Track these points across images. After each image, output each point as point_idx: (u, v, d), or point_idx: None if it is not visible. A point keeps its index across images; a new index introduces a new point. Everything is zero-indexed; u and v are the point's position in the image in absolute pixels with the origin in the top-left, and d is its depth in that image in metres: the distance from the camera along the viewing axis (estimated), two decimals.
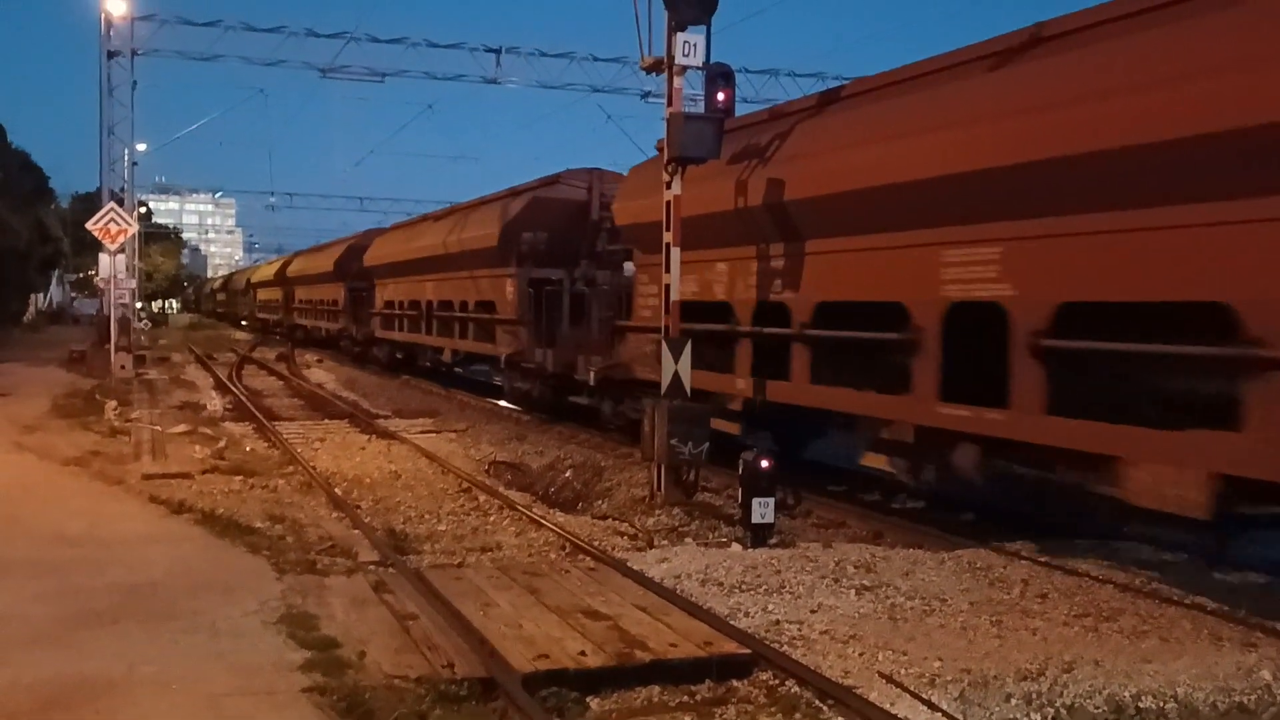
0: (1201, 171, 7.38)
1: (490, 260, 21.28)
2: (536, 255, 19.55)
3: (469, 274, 23.07)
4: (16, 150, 52.72)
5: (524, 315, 19.72)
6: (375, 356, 33.32)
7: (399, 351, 31.33)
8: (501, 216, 20.79)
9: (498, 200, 22.42)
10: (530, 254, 19.61)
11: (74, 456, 13.69)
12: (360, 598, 7.55)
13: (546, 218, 19.67)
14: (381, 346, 32.72)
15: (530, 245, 19.52)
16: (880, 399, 10.59)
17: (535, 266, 19.62)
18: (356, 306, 35.98)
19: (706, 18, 11.43)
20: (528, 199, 20.40)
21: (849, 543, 10.16)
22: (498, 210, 21.50)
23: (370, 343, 33.81)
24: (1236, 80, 7.10)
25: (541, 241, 19.42)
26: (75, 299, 78.05)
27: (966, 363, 9.49)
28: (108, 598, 7.40)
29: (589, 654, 6.26)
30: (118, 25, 31.42)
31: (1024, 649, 6.83)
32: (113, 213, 25.13)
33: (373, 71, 32.79)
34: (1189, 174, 7.44)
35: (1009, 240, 8.97)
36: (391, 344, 31.67)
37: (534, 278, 19.60)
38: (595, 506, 12.13)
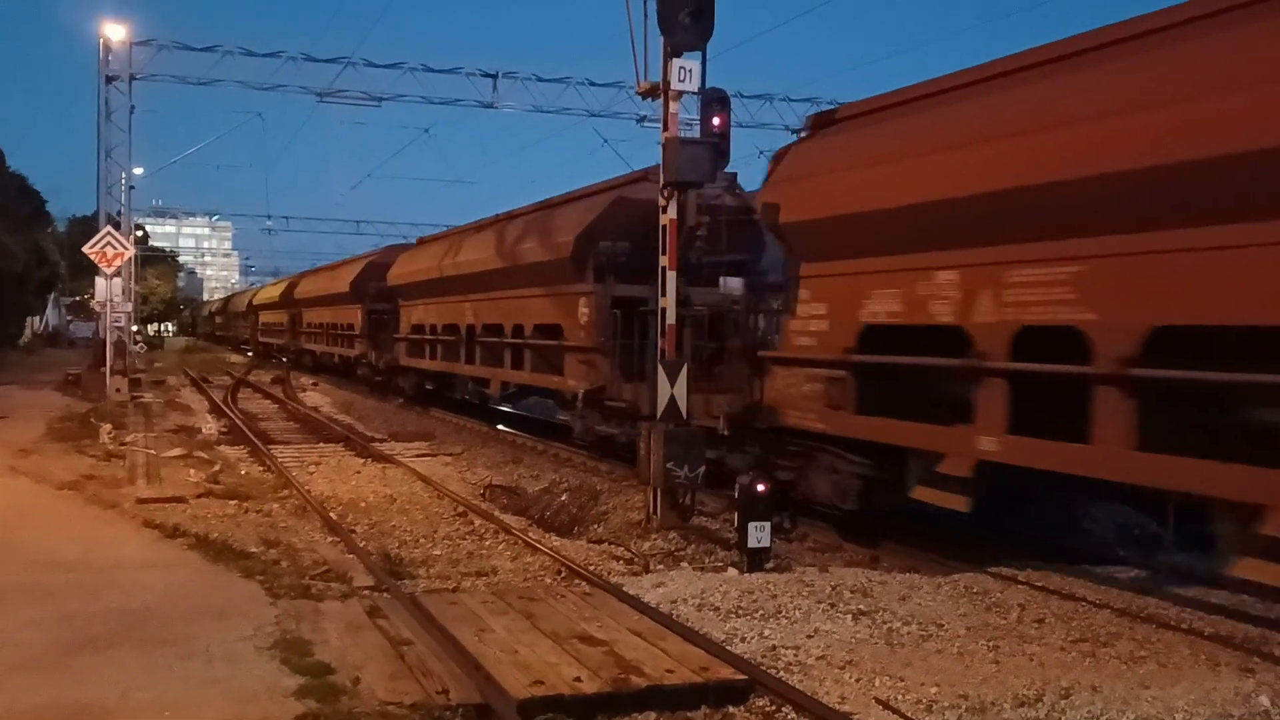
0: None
1: (559, 275, 17.67)
2: (618, 268, 16.33)
3: (528, 292, 19.21)
4: (14, 173, 52.85)
5: (604, 342, 16.20)
6: (399, 387, 29.51)
7: (429, 382, 27.48)
8: (576, 222, 17.30)
9: (571, 202, 18.86)
10: (610, 266, 16.41)
11: (69, 480, 13.64)
12: (355, 623, 7.52)
13: (631, 222, 16.14)
14: (407, 376, 28.78)
15: (610, 256, 16.44)
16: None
17: (618, 282, 16.32)
18: (376, 330, 32.32)
19: (702, 44, 11.52)
20: (611, 199, 16.82)
21: (845, 567, 10.14)
22: (571, 214, 18.01)
23: (394, 371, 29.92)
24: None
25: (623, 252, 16.29)
26: (71, 322, 77.98)
27: None
28: (102, 623, 7.36)
29: (585, 680, 6.23)
30: (116, 50, 31.59)
31: (1021, 674, 6.81)
32: (109, 236, 25.15)
33: (370, 96, 32.94)
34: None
35: None
36: (420, 373, 27.74)
37: (617, 296, 16.21)
38: (591, 530, 12.11)
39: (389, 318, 30.60)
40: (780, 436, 11.92)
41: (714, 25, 11.38)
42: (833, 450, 11.11)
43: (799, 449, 11.68)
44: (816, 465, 11.43)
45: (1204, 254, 7.39)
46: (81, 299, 69.69)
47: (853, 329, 10.63)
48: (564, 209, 18.82)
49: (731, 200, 15.67)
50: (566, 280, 17.35)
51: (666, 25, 11.37)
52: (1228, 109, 7.10)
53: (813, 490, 11.48)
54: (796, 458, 11.71)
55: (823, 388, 10.99)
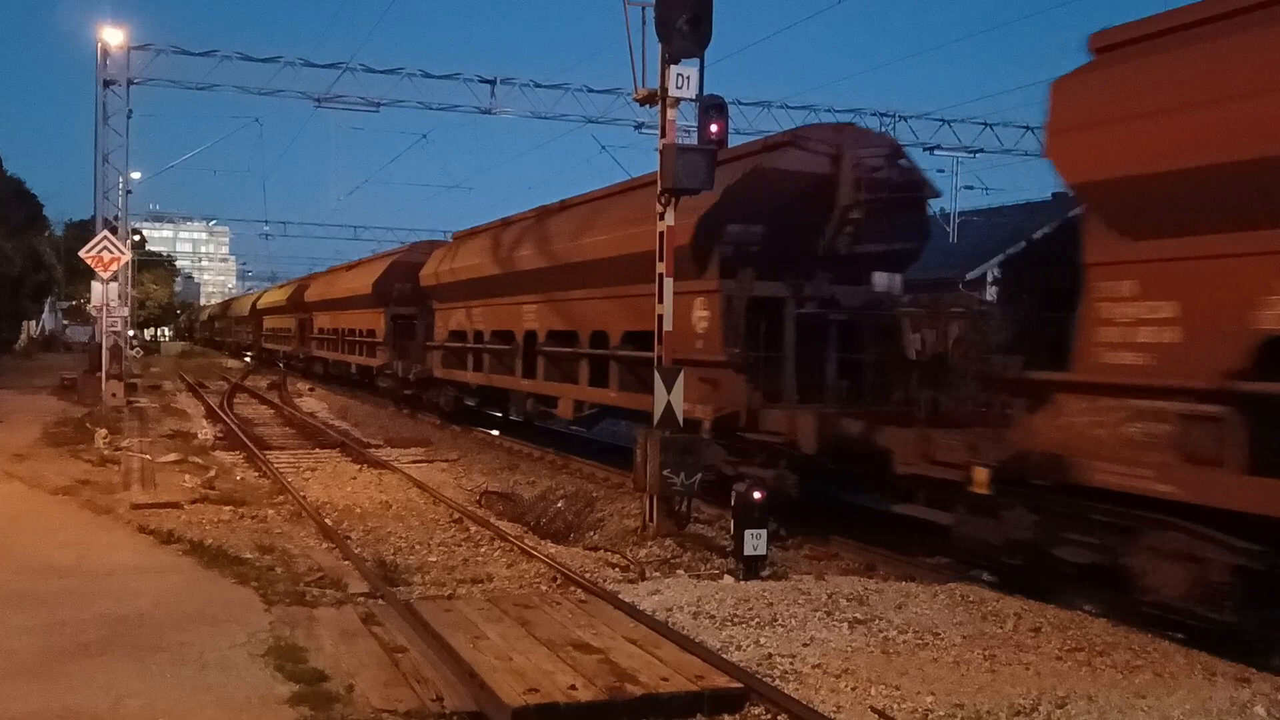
0: None
1: (675, 268, 13.26)
2: (749, 259, 12.84)
3: (618, 291, 15.55)
4: (11, 178, 52.84)
5: (736, 354, 12.72)
6: (432, 402, 25.79)
7: (471, 397, 23.87)
8: (697, 201, 13.21)
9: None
10: (741, 257, 12.84)
11: (63, 485, 13.60)
12: (349, 630, 7.50)
13: (771, 199, 12.80)
14: (443, 390, 24.91)
15: (740, 244, 12.85)
16: None
17: (757, 277, 12.85)
18: (402, 338, 28.95)
19: (700, 51, 11.53)
20: (745, 170, 13.15)
21: (841, 575, 10.13)
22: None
23: (426, 384, 26.16)
24: None
25: (755, 239, 12.87)
26: (68, 326, 77.89)
27: None
28: (95, 630, 7.33)
29: (580, 688, 6.21)
30: (114, 55, 31.59)
31: (1017, 683, 6.79)
32: (106, 241, 25.12)
33: (368, 101, 32.91)
34: None
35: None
36: (459, 387, 24.04)
37: (754, 296, 12.86)
38: (587, 537, 12.09)
39: (420, 324, 27.54)
40: (1070, 498, 8.34)
41: (712, 32, 11.40)
42: (1188, 527, 7.59)
43: (1112, 520, 8.15)
44: (1152, 548, 7.86)
45: None
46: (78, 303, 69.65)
47: (1238, 341, 7.16)
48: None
49: (895, 173, 12.95)
50: (679, 274, 13.39)
51: (664, 32, 11.38)
52: None
53: (1147, 583, 7.90)
54: (1107, 533, 8.22)
55: (1173, 430, 7.51)
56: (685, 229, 13.01)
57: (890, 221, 12.19)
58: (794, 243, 11.57)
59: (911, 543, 11.37)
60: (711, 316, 13.03)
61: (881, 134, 13.71)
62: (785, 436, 11.72)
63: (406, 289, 28.79)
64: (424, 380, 26.29)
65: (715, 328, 12.93)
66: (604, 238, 15.88)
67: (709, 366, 13.00)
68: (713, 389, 12.90)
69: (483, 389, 22.63)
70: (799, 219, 12.19)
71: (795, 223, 11.85)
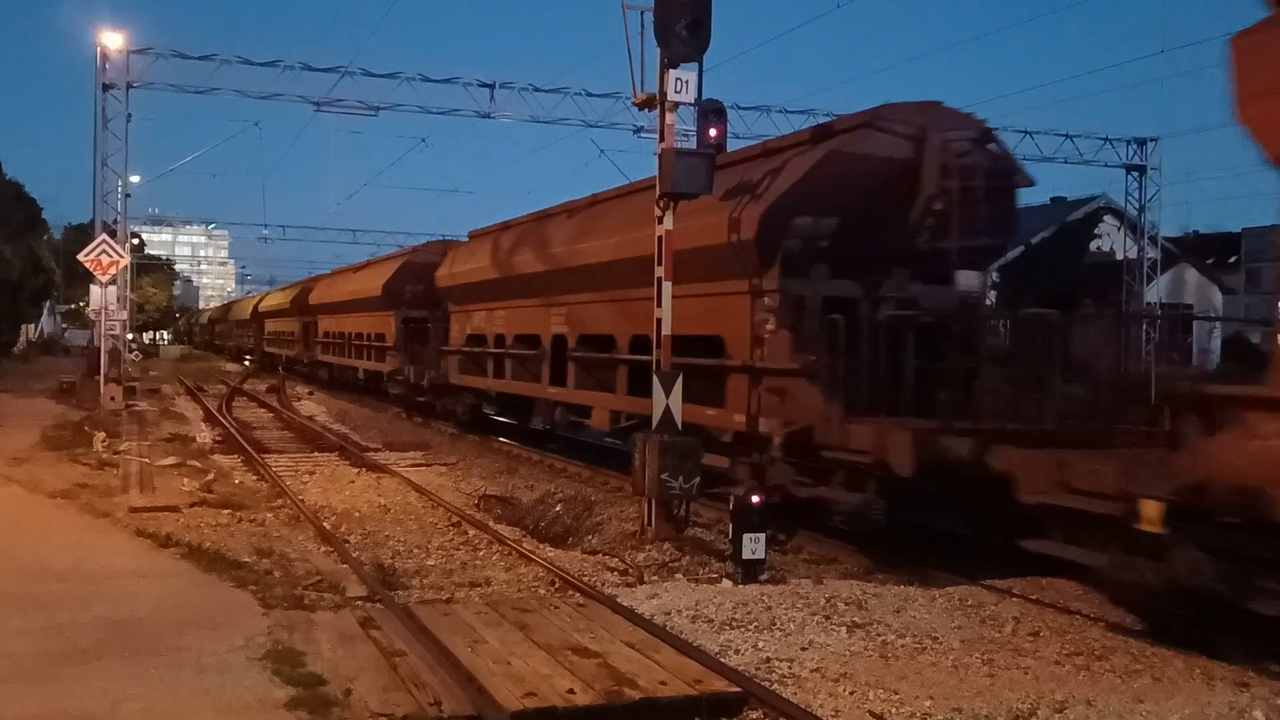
0: None
1: (725, 266, 12.64)
2: (818, 255, 11.68)
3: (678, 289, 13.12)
4: (10, 181, 52.83)
5: (811, 362, 11.31)
6: (448, 410, 24.58)
7: (491, 405, 22.67)
8: (764, 190, 12.06)
9: (749, 161, 13.36)
10: (808, 254, 11.67)
11: (61, 489, 13.59)
12: (347, 634, 7.48)
13: (846, 188, 11.48)
14: (460, 397, 23.66)
15: (809, 239, 11.63)
16: None
17: (829, 275, 11.65)
18: (414, 342, 27.67)
19: (698, 55, 11.54)
20: (819, 156, 11.74)
21: (840, 579, 10.12)
22: (753, 178, 12.57)
23: (441, 391, 24.78)
24: None
25: (827, 233, 11.61)
26: (66, 330, 77.86)
27: None
28: (93, 633, 7.32)
29: (578, 692, 6.21)
30: (113, 58, 31.55)
31: (1016, 688, 6.79)
32: (105, 244, 25.13)
33: (367, 105, 32.88)
34: None
35: None
36: (478, 394, 22.79)
37: (828, 296, 11.58)
38: (585, 541, 12.09)
39: (434, 327, 26.11)
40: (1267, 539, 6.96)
41: (710, 37, 11.41)
42: None
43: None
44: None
45: None
46: (77, 307, 69.67)
47: None
48: (736, 171, 13.05)
49: (983, 159, 11.62)
50: (738, 273, 12.32)
51: (663, 36, 11.40)
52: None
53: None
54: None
55: None
56: (748, 222, 11.93)
57: (977, 213, 10.99)
58: (869, 237, 10.42)
59: (910, 548, 11.37)
60: (777, 318, 11.73)
61: (969, 114, 11.80)
62: (873, 455, 10.19)
63: (418, 291, 27.71)
64: (438, 387, 24.96)
65: (782, 331, 11.68)
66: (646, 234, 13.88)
67: (775, 375, 11.70)
68: (780, 400, 11.50)
69: (504, 396, 21.35)
70: (876, 210, 10.94)
71: (872, 215, 10.67)
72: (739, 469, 12.39)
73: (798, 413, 11.26)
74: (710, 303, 13.03)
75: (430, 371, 25.43)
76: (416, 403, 26.89)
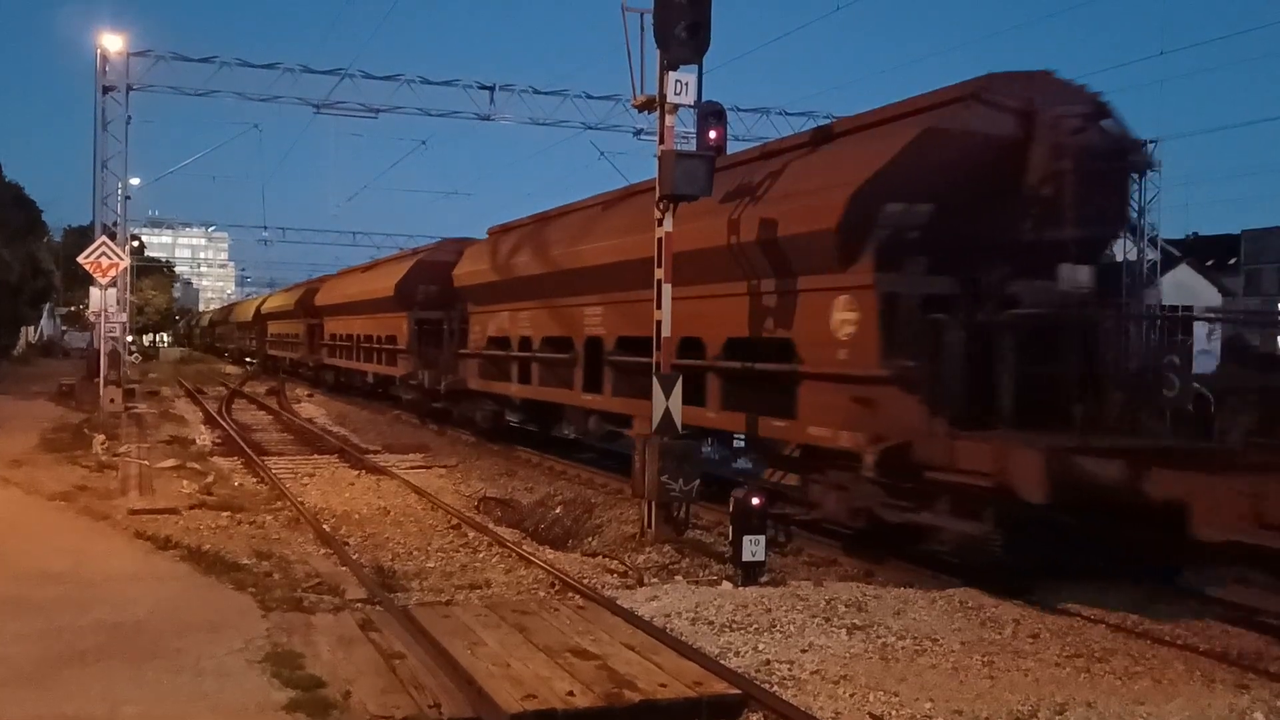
0: None
1: (799, 259, 11.27)
2: (908, 246, 10.25)
3: (717, 290, 12.84)
4: (10, 183, 52.84)
5: (908, 370, 9.85)
6: (466, 417, 23.36)
7: (514, 412, 21.47)
8: (847, 171, 10.69)
9: (831, 142, 11.88)
10: (897, 245, 10.24)
11: (60, 491, 13.58)
12: (347, 636, 7.47)
13: (938, 171, 10.18)
14: (480, 404, 22.36)
15: (899, 228, 10.25)
16: None
17: (924, 270, 10.26)
18: (428, 345, 26.23)
19: (698, 58, 11.54)
20: (915, 131, 10.32)
21: (840, 581, 10.11)
22: (833, 161, 11.33)
23: (459, 397, 23.45)
24: None
25: (919, 221, 10.23)
26: (66, 332, 77.87)
27: None
28: (91, 636, 7.31)
29: (578, 694, 6.20)
30: (113, 61, 31.54)
31: (1016, 690, 6.78)
32: (104, 247, 25.11)
33: (367, 107, 32.90)
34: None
35: None
36: (499, 401, 21.46)
37: (927, 294, 10.21)
38: (585, 543, 12.09)
39: (449, 328, 24.83)
40: None
41: (710, 39, 11.41)
42: None
43: None
44: None
45: None
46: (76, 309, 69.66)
47: None
48: (810, 160, 11.70)
49: (1098, 138, 10.45)
50: (814, 267, 11.04)
51: (663, 39, 11.40)
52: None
53: None
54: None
55: None
56: (829, 209, 10.47)
57: (1087, 199, 9.83)
58: (967, 226, 9.20)
59: (909, 549, 11.36)
60: (863, 319, 10.37)
61: (1081, 86, 10.51)
62: (993, 477, 8.78)
63: (432, 291, 26.49)
64: (456, 392, 23.36)
65: (869, 333, 10.28)
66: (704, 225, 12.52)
67: (860, 383, 10.35)
68: (867, 412, 10.20)
69: (529, 403, 19.87)
70: (976, 196, 9.64)
71: (971, 201, 9.40)
72: (812, 488, 11.22)
73: (890, 426, 9.86)
74: (777, 301, 11.75)
75: (447, 376, 23.95)
76: (432, 409, 25.60)
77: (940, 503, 9.60)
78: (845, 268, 10.60)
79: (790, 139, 12.78)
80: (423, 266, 27.55)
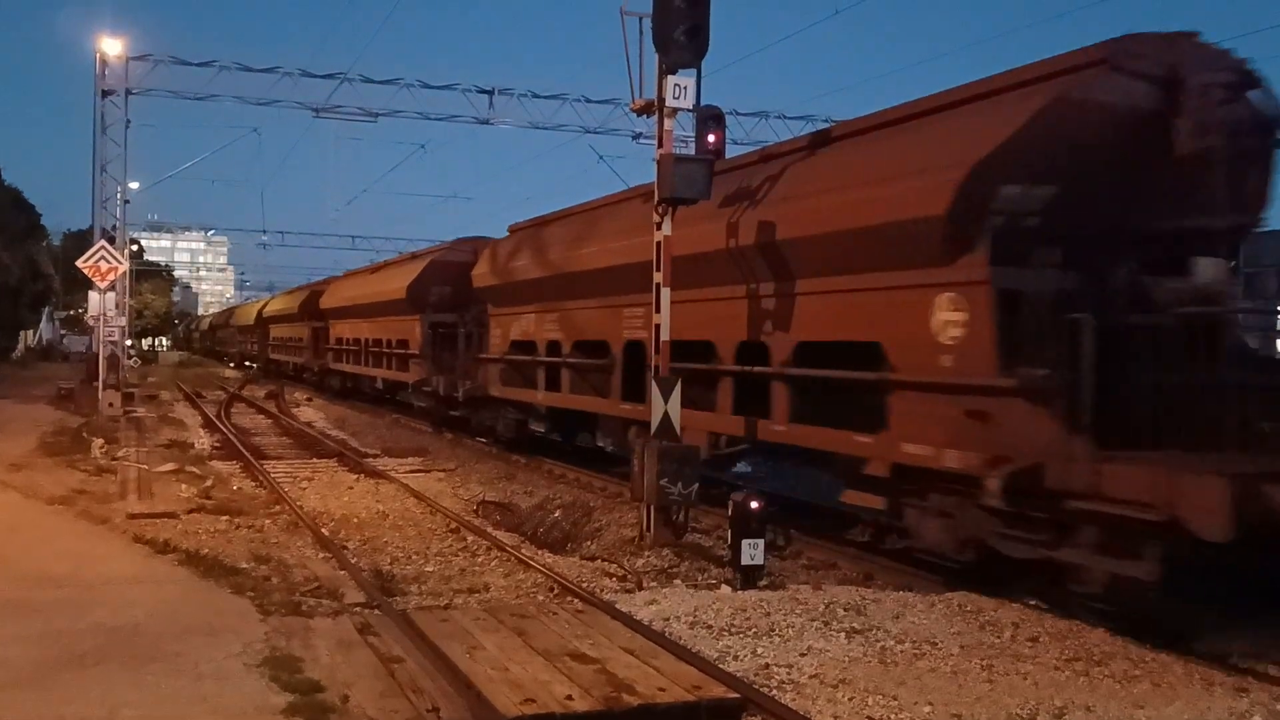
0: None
1: (888, 253, 9.85)
2: (1025, 235, 8.81)
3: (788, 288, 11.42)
4: (9, 187, 52.92)
5: (1034, 378, 8.43)
6: (486, 426, 22.14)
7: (540, 421, 19.71)
8: (958, 148, 9.25)
9: (932, 115, 10.25)
10: (1013, 234, 8.81)
11: (59, 495, 13.58)
12: (345, 640, 7.47)
13: (1065, 148, 8.81)
14: (501, 412, 21.06)
15: (1016, 214, 8.83)
16: None
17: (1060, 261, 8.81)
18: (442, 350, 24.89)
19: (697, 61, 11.54)
20: (1041, 102, 8.88)
21: (839, 585, 10.11)
22: (939, 133, 9.90)
23: (478, 404, 22.16)
24: None
25: (1039, 206, 8.81)
26: (65, 336, 77.86)
27: None
28: (90, 640, 7.31)
29: (576, 698, 6.19)
30: (113, 65, 31.64)
31: (1015, 694, 6.78)
32: (103, 250, 25.15)
33: (366, 111, 33.00)
34: None
35: None
36: (523, 409, 20.02)
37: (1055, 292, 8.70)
38: (584, 547, 12.08)
39: (464, 331, 23.55)
40: None
41: (709, 43, 11.41)
42: None
43: None
44: None
45: None
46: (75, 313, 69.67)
47: None
48: (909, 134, 10.30)
49: (1245, 111, 9.09)
50: (912, 260, 9.56)
51: (662, 43, 11.41)
52: None
53: None
54: None
55: None
56: (936, 192, 9.11)
57: (1231, 182, 8.62)
58: (1091, 213, 8.09)
59: (908, 553, 11.35)
60: (974, 319, 8.98)
61: (1226, 50, 9.23)
62: (1159, 509, 7.42)
63: (446, 293, 25.40)
64: (476, 399, 21.92)
65: (981, 336, 8.88)
66: (787, 211, 11.09)
67: (972, 394, 8.96)
68: (982, 428, 8.82)
69: (557, 412, 18.40)
70: (1105, 177, 8.43)
71: (1099, 182, 8.24)
72: (908, 514, 9.95)
73: (1014, 445, 8.46)
74: (861, 300, 10.36)
75: (465, 382, 22.54)
76: (448, 417, 24.35)
77: (1083, 536, 8.16)
78: (951, 261, 9.16)
79: (870, 118, 11.20)
80: (436, 267, 26.33)
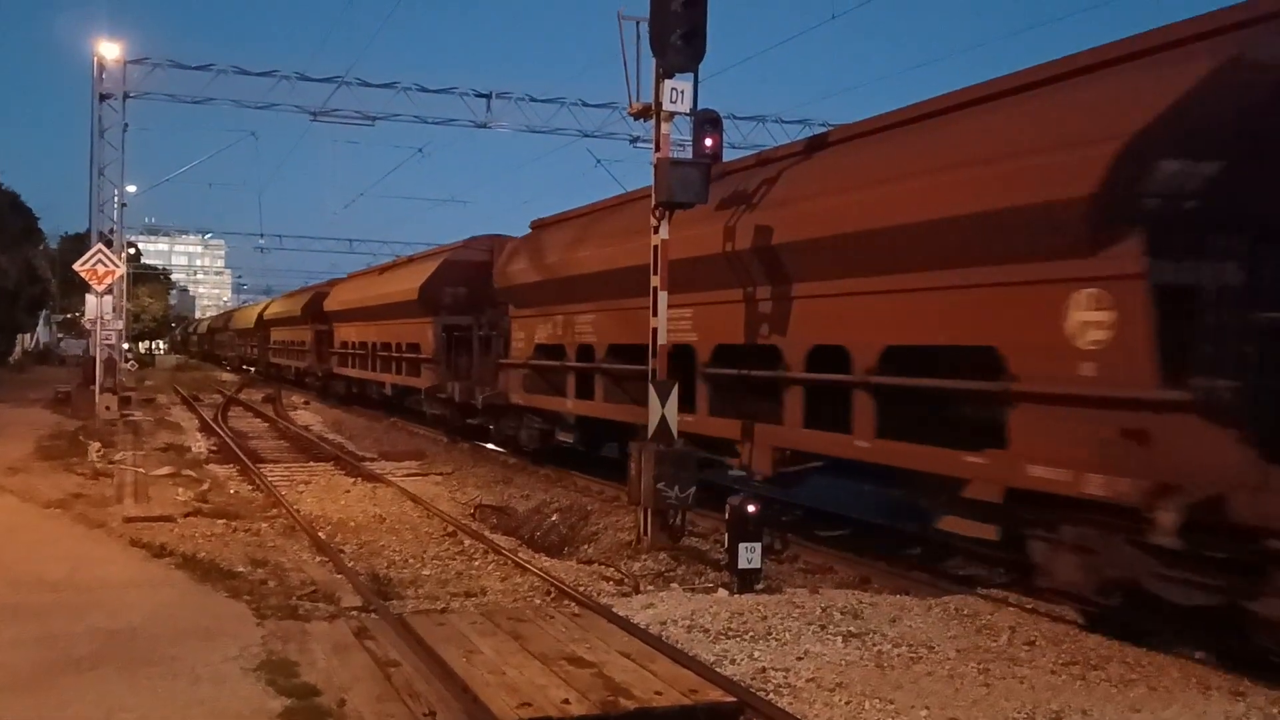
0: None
1: (1010, 243, 8.44)
2: (1180, 220, 7.36)
3: (874, 284, 10.08)
4: (6, 190, 52.85)
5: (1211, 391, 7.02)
6: (507, 436, 20.60)
7: (568, 432, 18.18)
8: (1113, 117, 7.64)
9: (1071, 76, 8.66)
10: (1167, 218, 7.36)
11: (56, 499, 13.57)
12: (342, 644, 7.47)
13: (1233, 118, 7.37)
14: (524, 420, 19.45)
15: (1171, 196, 7.33)
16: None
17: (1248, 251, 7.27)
18: (457, 354, 23.66)
19: (694, 65, 11.57)
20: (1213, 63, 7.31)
21: (836, 588, 10.11)
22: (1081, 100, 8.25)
23: (499, 412, 20.56)
24: None
25: (1199, 186, 7.29)
26: (62, 339, 77.81)
27: None
28: (87, 643, 7.31)
29: (573, 702, 6.19)
30: (110, 68, 31.60)
31: (1011, 698, 6.78)
32: (101, 254, 25.12)
33: (363, 115, 32.94)
34: None
35: None
36: (549, 418, 18.65)
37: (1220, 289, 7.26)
38: (581, 551, 12.07)
39: (480, 335, 22.15)
40: None
41: (706, 47, 11.44)
42: None
43: None
44: None
45: None
46: (73, 316, 69.62)
47: None
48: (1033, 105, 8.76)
49: None
50: (1038, 250, 8.15)
51: (658, 47, 11.43)
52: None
53: None
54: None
55: None
56: (1082, 170, 7.59)
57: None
58: (1254, 194, 6.97)
59: (906, 556, 11.37)
60: (1123, 320, 7.54)
61: None
62: None
63: (460, 294, 24.08)
64: (496, 407, 20.38)
65: (1134, 339, 7.45)
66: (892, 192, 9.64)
67: (1126, 409, 7.51)
68: (1139, 450, 7.41)
69: (588, 422, 16.94)
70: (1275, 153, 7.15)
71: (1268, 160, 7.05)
72: (1036, 547, 8.53)
73: (1185, 470, 7.07)
74: (971, 298, 8.91)
75: (483, 389, 20.98)
76: (465, 425, 23.01)
77: (1275, 579, 6.81)
78: (1094, 252, 7.72)
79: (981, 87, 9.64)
80: (450, 267, 24.83)
